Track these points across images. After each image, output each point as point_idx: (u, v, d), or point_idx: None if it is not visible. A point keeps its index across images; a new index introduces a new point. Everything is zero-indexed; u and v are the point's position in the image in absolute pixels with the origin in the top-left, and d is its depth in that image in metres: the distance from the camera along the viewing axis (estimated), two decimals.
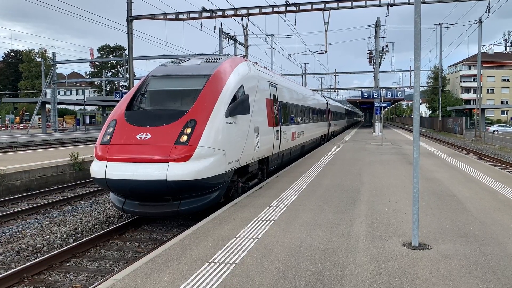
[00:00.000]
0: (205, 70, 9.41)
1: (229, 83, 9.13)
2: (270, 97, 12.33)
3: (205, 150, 7.72)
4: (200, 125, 7.88)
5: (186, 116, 8.01)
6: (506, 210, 7.65)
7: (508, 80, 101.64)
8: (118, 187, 7.79)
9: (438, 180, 11.09)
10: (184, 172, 7.36)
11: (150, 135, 7.73)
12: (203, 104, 8.32)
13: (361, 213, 7.48)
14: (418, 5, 5.69)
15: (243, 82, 9.83)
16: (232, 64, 10.00)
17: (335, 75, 68.84)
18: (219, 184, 8.24)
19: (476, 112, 44.02)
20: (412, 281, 4.53)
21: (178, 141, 7.58)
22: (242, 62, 10.66)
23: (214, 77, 9.07)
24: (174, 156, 7.41)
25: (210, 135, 7.91)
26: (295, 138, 16.20)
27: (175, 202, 7.90)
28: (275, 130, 12.43)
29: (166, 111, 8.51)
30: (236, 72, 9.79)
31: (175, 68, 10.03)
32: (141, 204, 8.03)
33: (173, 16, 25.90)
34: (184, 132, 7.71)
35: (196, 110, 8.17)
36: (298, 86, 21.29)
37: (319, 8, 24.04)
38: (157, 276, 4.76)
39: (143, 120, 8.18)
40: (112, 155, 7.69)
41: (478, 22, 40.77)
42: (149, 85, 9.46)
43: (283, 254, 5.40)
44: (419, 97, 5.86)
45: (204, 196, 8.12)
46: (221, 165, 8.10)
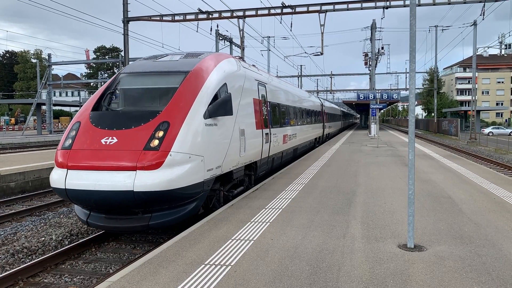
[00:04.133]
0: (183, 67, 8.52)
1: (210, 81, 8.29)
2: (259, 97, 11.54)
3: (179, 156, 6.89)
4: (174, 128, 7.06)
5: (158, 118, 7.18)
6: (501, 212, 7.69)
7: (503, 82, 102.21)
8: (79, 199, 6.91)
9: (434, 181, 11.13)
10: (154, 181, 6.52)
11: (116, 139, 6.90)
12: (178, 104, 7.49)
13: (356, 215, 7.49)
14: (413, 8, 5.72)
15: (227, 80, 8.97)
16: (215, 61, 9.13)
17: (331, 76, 68.96)
18: (197, 194, 7.41)
19: (471, 114, 44.23)
20: (407, 282, 4.54)
21: (148, 146, 6.77)
22: (226, 59, 9.77)
23: (192, 74, 8.21)
24: (143, 163, 6.57)
25: (186, 139, 7.10)
26: (287, 141, 15.46)
27: (145, 215, 7.03)
28: (264, 133, 11.62)
29: (136, 112, 7.64)
30: (219, 69, 8.92)
31: (151, 64, 9.07)
32: (107, 217, 7.18)
33: (169, 17, 25.89)
34: (156, 135, 6.90)
35: (170, 111, 7.34)
36: (291, 86, 20.25)
37: (315, 10, 24.10)
38: (152, 278, 4.75)
39: (110, 122, 7.33)
40: (73, 162, 6.84)
41: (473, 24, 40.99)
42: (120, 83, 8.62)
43: (279, 256, 5.40)
44: (414, 99, 5.88)
45: (179, 208, 7.27)
46: (198, 172, 7.29)
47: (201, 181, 7.36)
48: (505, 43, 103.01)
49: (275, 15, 24.68)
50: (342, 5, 23.99)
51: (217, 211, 7.94)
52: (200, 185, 7.39)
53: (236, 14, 25.08)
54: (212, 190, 8.34)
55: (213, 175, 7.89)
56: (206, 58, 9.05)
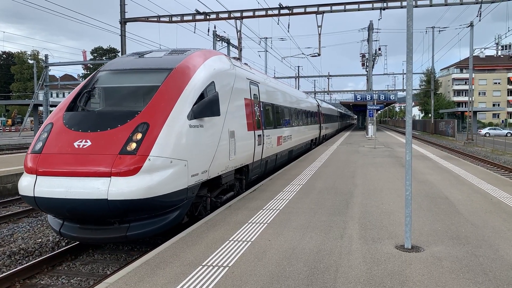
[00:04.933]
0: (167, 64, 7.97)
1: (195, 79, 7.73)
2: (250, 97, 10.99)
3: (160, 161, 6.34)
4: (154, 130, 6.51)
5: (136, 119, 6.63)
6: (498, 213, 7.71)
7: (499, 83, 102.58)
8: (49, 208, 6.37)
9: (431, 182, 11.15)
10: (131, 189, 5.97)
11: (90, 142, 6.34)
12: (159, 104, 6.95)
13: (354, 216, 7.50)
14: (410, 9, 5.74)
15: (214, 79, 8.41)
16: (202, 58, 8.55)
17: (328, 77, 69.06)
18: (180, 202, 6.86)
19: (468, 115, 44.42)
20: (404, 283, 4.55)
21: (124, 149, 6.21)
22: (214, 56, 9.20)
23: (176, 71, 7.66)
24: (118, 169, 6.02)
25: (167, 142, 6.55)
26: (281, 143, 14.85)
27: (122, 225, 6.46)
28: (256, 135, 11.09)
29: (113, 112, 7.07)
30: (206, 66, 8.34)
31: (133, 61, 8.46)
32: (82, 227, 6.61)
33: (167, 18, 25.89)
34: (133, 138, 6.34)
35: (150, 111, 6.79)
36: (285, 86, 19.57)
37: (312, 11, 24.16)
38: (150, 279, 4.74)
39: (84, 123, 6.75)
40: (43, 167, 6.26)
41: (470, 25, 41.17)
42: (99, 81, 8.04)
43: (276, 257, 5.40)
44: (411, 100, 5.90)
45: (160, 217, 6.72)
46: (181, 178, 6.74)
47: (184, 187, 6.83)
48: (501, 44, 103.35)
49: (273, 16, 24.70)
50: (339, 6, 24.05)
51: (215, 212, 7.92)
52: (184, 192, 6.85)
53: (233, 15, 25.10)
54: (198, 197, 7.85)
55: (198, 180, 7.38)
56: (192, 54, 8.49)
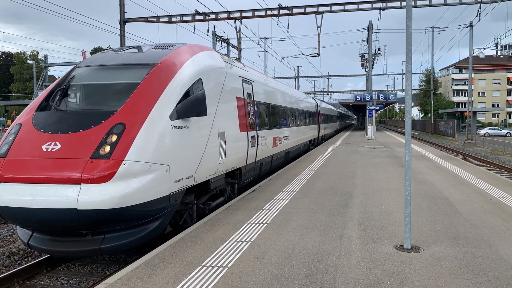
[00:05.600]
0: (149, 59, 7.40)
1: (180, 76, 7.14)
2: (243, 96, 10.41)
3: (137, 166, 5.77)
4: (131, 131, 5.93)
5: (112, 119, 6.06)
6: (497, 213, 7.71)
7: (499, 83, 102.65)
8: (14, 218, 5.83)
9: (430, 182, 11.15)
10: (104, 197, 5.44)
11: (60, 145, 5.77)
12: (138, 103, 6.37)
13: (353, 216, 7.50)
14: (410, 9, 5.74)
15: (202, 76, 7.80)
16: (188, 53, 7.96)
17: (328, 78, 69.15)
18: (160, 210, 6.29)
19: (468, 115, 44.46)
20: (404, 283, 4.55)
21: (97, 153, 5.65)
22: (203, 51, 8.56)
23: (159, 67, 7.07)
24: (89, 175, 5.46)
25: (146, 144, 5.98)
26: (278, 144, 14.22)
27: (96, 237, 5.89)
28: (249, 136, 10.51)
29: (86, 112, 6.56)
30: (193, 62, 7.76)
31: (113, 56, 7.87)
32: (52, 239, 6.04)
33: (166, 19, 25.88)
34: (107, 140, 5.78)
35: (127, 111, 6.21)
36: (282, 85, 18.93)
37: (312, 11, 24.16)
38: (149, 280, 4.74)
39: (55, 124, 6.20)
40: (7, 173, 5.71)
41: (469, 25, 41.20)
42: (74, 78, 7.41)
43: (276, 257, 5.40)
44: (411, 100, 5.90)
45: (139, 228, 6.14)
46: (162, 185, 6.17)
47: (166, 195, 6.28)
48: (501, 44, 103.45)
49: (272, 16, 24.71)
50: (339, 6, 24.06)
51: (214, 213, 7.92)
52: (165, 200, 6.30)
53: (233, 15, 25.10)
54: (184, 204, 7.32)
55: (182, 186, 6.81)
56: (178, 49, 7.91)
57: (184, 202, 7.29)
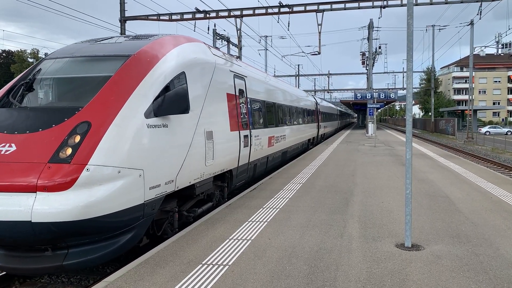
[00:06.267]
0: (124, 50, 6.68)
1: (159, 68, 6.45)
2: (235, 93, 9.72)
3: (103, 171, 5.07)
4: (97, 131, 5.24)
5: (76, 117, 5.36)
6: (498, 211, 7.71)
7: (499, 81, 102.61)
8: None
9: (431, 181, 11.15)
10: (63, 207, 4.75)
11: (14, 147, 5.09)
12: (108, 98, 5.68)
13: (354, 214, 7.50)
14: (411, 7, 5.73)
15: (186, 69, 7.12)
16: (171, 44, 7.26)
17: (328, 76, 69.11)
18: (133, 221, 5.58)
19: (468, 114, 44.40)
20: (405, 282, 4.54)
21: (56, 156, 4.96)
22: (188, 43, 7.82)
23: (135, 59, 6.37)
24: (46, 182, 4.76)
25: (114, 146, 5.29)
26: (274, 144, 13.61)
27: (58, 252, 5.14)
28: (241, 135, 9.84)
29: (47, 109, 5.87)
30: (175, 54, 7.06)
31: (86, 47, 7.12)
32: (8, 254, 5.25)
33: (167, 17, 25.84)
34: (69, 142, 5.09)
35: (94, 108, 5.52)
36: (279, 82, 18.11)
37: (313, 9, 24.09)
38: (150, 278, 4.74)
39: (11, 123, 5.51)
40: None
41: (470, 24, 41.15)
42: (40, 71, 6.64)
43: (276, 255, 5.40)
44: (411, 98, 5.89)
45: (108, 241, 5.40)
46: (134, 192, 5.48)
47: (139, 203, 5.58)
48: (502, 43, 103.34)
49: (273, 14, 24.66)
50: (340, 4, 23.99)
51: (214, 211, 7.92)
52: (139, 209, 5.60)
53: (233, 14, 25.05)
54: (164, 212, 6.71)
55: (161, 193, 6.13)
56: (158, 40, 7.23)
57: (164, 210, 6.67)
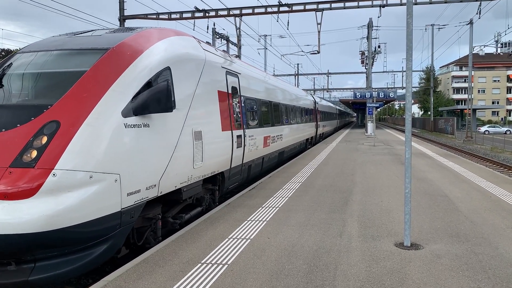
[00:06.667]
0: (103, 43, 6.12)
1: (140, 63, 5.92)
2: (227, 90, 9.22)
3: (72, 176, 4.57)
4: (67, 132, 4.74)
5: (44, 116, 4.86)
6: (497, 210, 7.71)
7: (499, 81, 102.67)
8: None
9: (430, 180, 11.15)
10: (26, 217, 4.30)
11: None
12: (80, 95, 5.14)
13: (353, 213, 7.50)
14: (410, 6, 5.72)
15: (171, 64, 6.61)
16: (155, 37, 6.72)
17: (328, 75, 69.12)
18: (109, 231, 5.09)
19: (468, 113, 44.46)
20: (404, 281, 4.55)
21: (19, 160, 4.48)
22: (175, 36, 7.31)
23: (114, 52, 5.83)
24: (6, 188, 4.33)
25: (86, 148, 4.79)
26: (269, 144, 13.10)
27: (24, 265, 4.62)
28: (234, 135, 9.37)
29: (13, 107, 5.35)
30: (160, 47, 6.54)
31: (63, 40, 6.58)
32: None
33: (166, 16, 25.81)
34: (35, 144, 4.60)
35: (64, 105, 4.99)
36: (276, 80, 17.55)
37: (312, 8, 24.07)
38: (149, 277, 4.73)
39: None
40: None
41: (470, 23, 41.16)
42: (11, 66, 6.19)
43: (275, 254, 5.40)
44: (411, 97, 5.89)
45: (80, 253, 4.89)
46: (109, 199, 4.97)
47: (116, 211, 5.08)
48: (501, 42, 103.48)
49: (272, 13, 24.65)
50: (339, 3, 23.98)
51: (213, 210, 7.91)
52: (115, 217, 5.09)
53: (232, 13, 25.04)
54: (145, 219, 6.19)
55: (141, 199, 5.62)
56: (141, 32, 6.69)
57: (146, 217, 6.19)
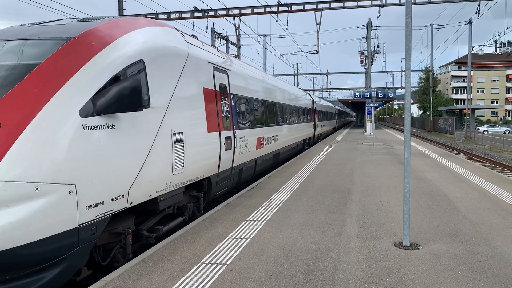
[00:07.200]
0: (64, 33, 5.32)
1: (106, 55, 5.18)
2: (214, 88, 8.49)
3: (12, 189, 3.90)
4: (8, 134, 4.05)
5: None
6: (496, 210, 7.72)
7: (498, 80, 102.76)
8: None
9: (429, 180, 11.16)
10: None
11: None
12: (29, 91, 4.43)
13: (352, 213, 7.50)
14: (409, 6, 5.73)
15: (145, 57, 5.85)
16: (126, 26, 5.92)
17: (327, 75, 69.10)
18: (63, 251, 4.36)
19: (467, 113, 44.48)
20: (403, 280, 4.55)
21: None
22: (152, 26, 6.54)
23: (74, 43, 5.05)
24: None
25: (32, 154, 4.08)
26: (263, 146, 12.44)
27: None
28: (223, 137, 8.67)
29: None
30: (133, 38, 5.78)
31: (22, 30, 5.77)
32: None
33: (165, 15, 25.80)
34: None
35: (8, 104, 4.29)
36: (271, 78, 16.64)
37: (311, 8, 24.09)
38: (148, 277, 4.73)
39: None
40: None
41: (469, 23, 41.19)
42: None
43: (275, 254, 5.40)
44: (410, 97, 5.90)
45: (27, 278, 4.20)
46: (62, 214, 4.23)
47: (71, 227, 4.37)
48: (500, 42, 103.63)
49: (271, 13, 24.65)
50: (338, 3, 23.99)
51: (213, 210, 7.91)
52: (70, 235, 4.37)
53: (232, 12, 25.05)
54: (113, 234, 5.43)
55: (104, 213, 4.88)
56: (111, 21, 5.91)
57: (114, 232, 5.42)
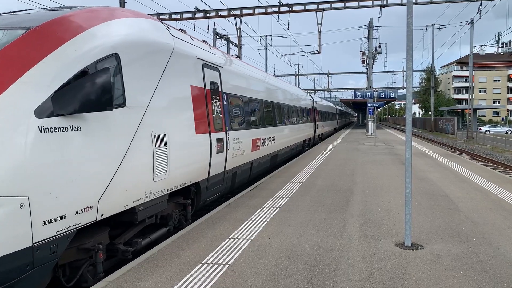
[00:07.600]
0: (26, 22, 4.80)
1: (72, 47, 4.63)
2: (204, 86, 7.90)
3: None
4: None
5: None
6: (498, 210, 7.71)
7: (499, 80, 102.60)
8: None
9: (431, 180, 11.15)
10: None
11: None
12: None
13: (354, 213, 7.50)
14: (410, 6, 5.73)
15: (121, 50, 5.29)
16: (98, 16, 5.36)
17: (328, 75, 69.14)
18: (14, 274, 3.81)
19: (468, 113, 44.44)
20: (404, 281, 4.55)
21: None
22: (130, 17, 5.96)
23: (34, 33, 4.53)
24: None
25: None
26: (259, 147, 11.84)
27: None
28: (213, 139, 8.07)
29: None
30: (106, 29, 5.22)
31: None
32: None
33: (166, 16, 25.83)
34: None
35: None
36: (267, 76, 15.84)
37: (312, 8, 24.11)
38: (150, 277, 4.74)
39: None
40: None
41: (470, 23, 41.15)
42: None
43: (276, 254, 5.40)
44: (411, 97, 5.89)
45: None
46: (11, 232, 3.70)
47: (24, 247, 3.83)
48: (502, 42, 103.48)
49: (272, 13, 24.67)
50: (339, 3, 24.00)
51: (214, 210, 7.92)
52: (22, 255, 3.83)
53: (233, 13, 25.07)
54: (82, 251, 4.90)
55: (67, 228, 4.31)
56: (82, 10, 5.37)
57: (83, 248, 4.89)
